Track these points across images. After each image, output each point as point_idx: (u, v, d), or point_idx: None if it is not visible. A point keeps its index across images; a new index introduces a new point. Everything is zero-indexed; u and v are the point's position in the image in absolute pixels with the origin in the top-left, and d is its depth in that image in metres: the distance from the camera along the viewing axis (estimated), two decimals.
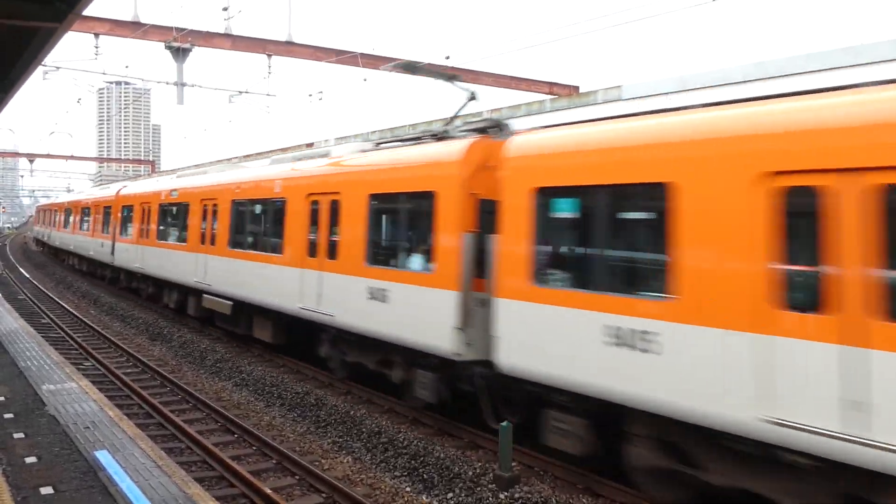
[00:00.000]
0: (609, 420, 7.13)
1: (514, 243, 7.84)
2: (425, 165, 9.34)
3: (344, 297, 10.54)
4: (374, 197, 10.27)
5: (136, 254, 21.23)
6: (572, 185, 7.33)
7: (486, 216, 8.48)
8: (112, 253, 23.90)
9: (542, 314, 7.41)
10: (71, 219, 33.89)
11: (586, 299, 6.96)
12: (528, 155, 7.98)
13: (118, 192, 24.71)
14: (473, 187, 8.67)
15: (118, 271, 24.47)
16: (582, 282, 7.27)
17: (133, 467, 6.58)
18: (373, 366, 10.62)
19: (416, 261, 9.42)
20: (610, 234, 7.16)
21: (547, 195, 7.61)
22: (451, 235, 8.69)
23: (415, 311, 9.09)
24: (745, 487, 6.02)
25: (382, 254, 10.37)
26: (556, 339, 7.24)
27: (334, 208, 11.13)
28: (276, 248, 12.85)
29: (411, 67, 10.85)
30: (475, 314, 8.49)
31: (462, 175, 8.68)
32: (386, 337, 9.69)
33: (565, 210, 7.61)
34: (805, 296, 5.55)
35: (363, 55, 21.14)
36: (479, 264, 8.48)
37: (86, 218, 29.97)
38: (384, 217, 10.69)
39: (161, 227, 19.53)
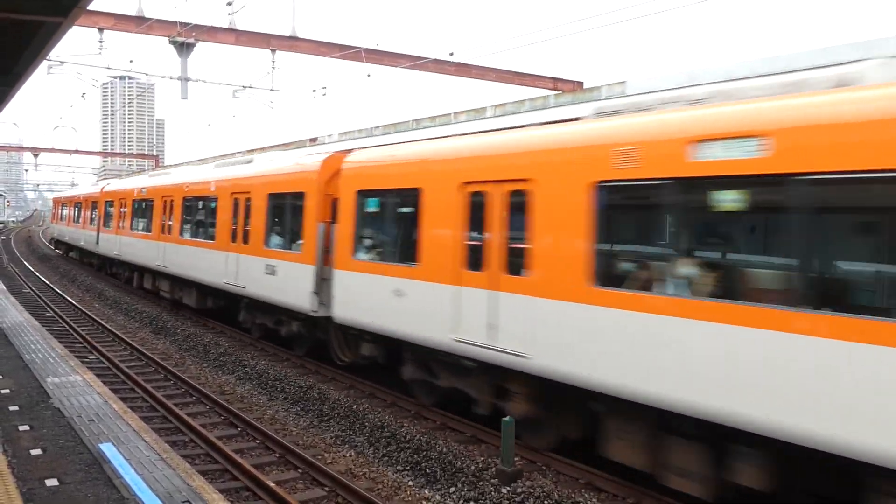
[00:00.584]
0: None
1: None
2: None
3: None
4: None
5: (461, 307, 8.88)
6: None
7: None
8: (318, 291, 11.61)
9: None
10: (167, 218, 19.61)
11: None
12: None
13: (347, 160, 11.51)
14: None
15: (341, 332, 11.67)
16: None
17: (137, 460, 6.61)
18: None
19: None
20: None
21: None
22: None
23: None
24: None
25: None
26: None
27: None
28: None
29: None
30: None
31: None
32: None
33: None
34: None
35: (367, 50, 21.13)
36: None
37: (203, 215, 17.47)
38: None
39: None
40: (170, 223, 19.29)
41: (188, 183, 18.57)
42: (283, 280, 12.72)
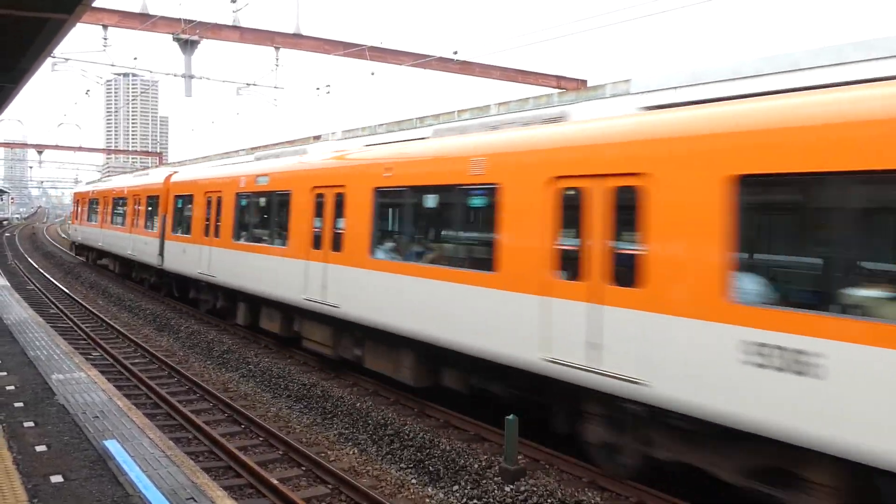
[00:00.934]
0: None
1: None
2: None
3: None
4: None
5: None
6: None
7: None
8: None
9: None
10: (331, 223, 11.49)
11: None
12: None
13: None
14: None
15: None
16: None
17: (142, 457, 6.63)
18: None
19: None
20: None
21: None
22: None
23: None
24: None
25: None
26: None
27: None
28: None
29: None
30: None
31: None
32: None
33: None
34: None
35: (371, 48, 21.14)
36: None
37: (463, 221, 9.73)
38: None
39: None
40: (339, 232, 11.12)
41: (392, 159, 10.31)
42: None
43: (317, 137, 27.30)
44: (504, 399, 8.68)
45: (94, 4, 8.24)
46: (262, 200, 14.54)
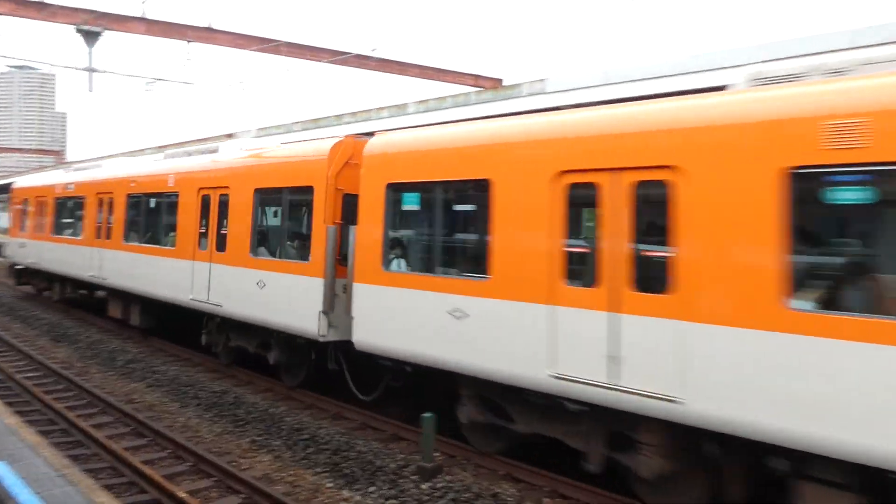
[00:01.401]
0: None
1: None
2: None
3: None
4: None
5: None
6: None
7: None
8: None
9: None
10: None
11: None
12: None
13: None
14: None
15: None
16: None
17: (34, 478, 6.17)
18: None
19: None
20: None
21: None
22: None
23: None
24: None
25: None
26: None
27: None
28: None
29: None
30: None
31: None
32: None
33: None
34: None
35: (287, 44, 20.71)
36: None
37: None
38: None
39: None
40: None
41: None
42: None
43: (230, 135, 26.38)
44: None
45: None
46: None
